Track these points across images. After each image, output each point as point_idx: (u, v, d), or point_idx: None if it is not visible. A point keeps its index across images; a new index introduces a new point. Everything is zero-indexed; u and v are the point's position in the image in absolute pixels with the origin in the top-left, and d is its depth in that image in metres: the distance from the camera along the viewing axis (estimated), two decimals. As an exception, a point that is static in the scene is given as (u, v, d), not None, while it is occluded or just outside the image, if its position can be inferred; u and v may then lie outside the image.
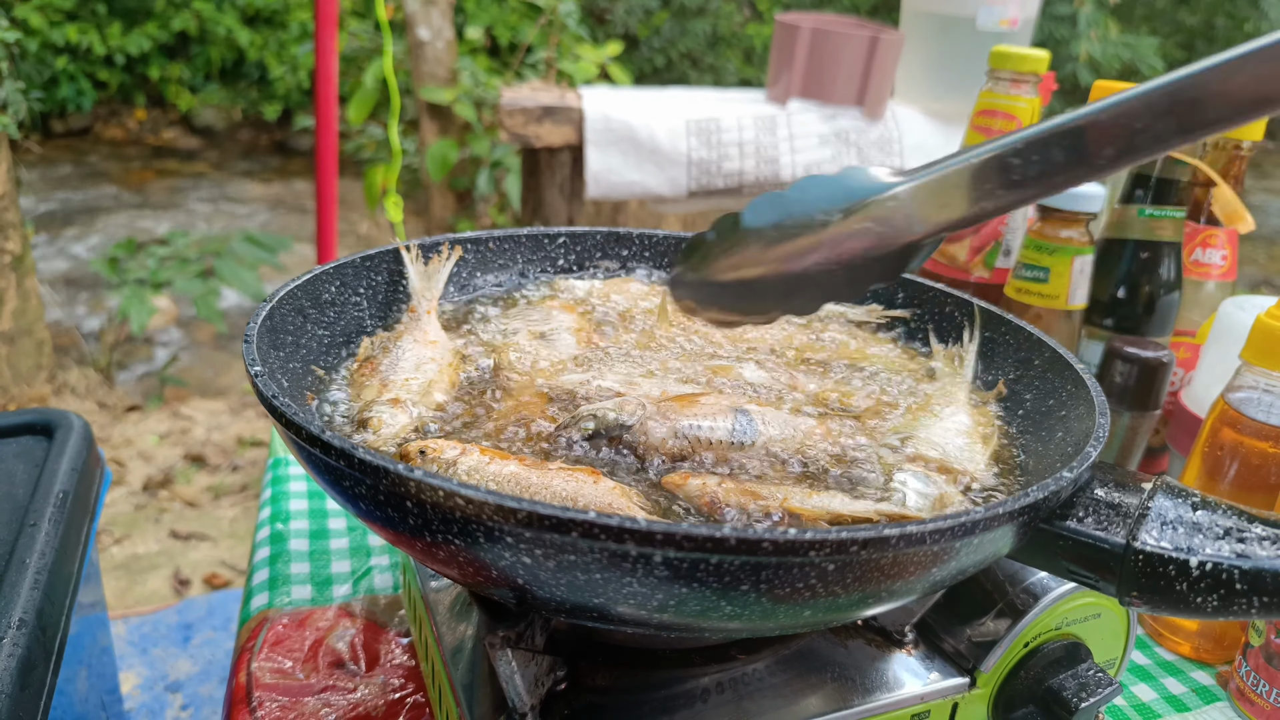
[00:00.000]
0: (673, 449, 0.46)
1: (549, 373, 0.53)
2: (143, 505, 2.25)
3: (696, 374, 0.55)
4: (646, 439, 0.46)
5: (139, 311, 2.75)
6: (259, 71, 5.95)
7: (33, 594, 0.58)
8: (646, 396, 0.49)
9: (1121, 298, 0.74)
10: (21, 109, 2.38)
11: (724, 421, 0.47)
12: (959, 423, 0.51)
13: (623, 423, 0.46)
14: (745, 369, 0.56)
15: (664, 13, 5.36)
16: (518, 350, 0.55)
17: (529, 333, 0.58)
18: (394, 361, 0.53)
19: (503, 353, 0.55)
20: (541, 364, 0.54)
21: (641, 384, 0.52)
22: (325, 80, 1.69)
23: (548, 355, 0.55)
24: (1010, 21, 1.66)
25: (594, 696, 0.45)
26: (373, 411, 0.48)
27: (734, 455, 0.46)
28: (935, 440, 0.49)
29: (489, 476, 0.41)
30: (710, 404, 0.48)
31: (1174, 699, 0.63)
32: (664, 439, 0.46)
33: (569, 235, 0.70)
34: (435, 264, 0.62)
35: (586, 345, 0.58)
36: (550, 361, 0.55)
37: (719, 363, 0.57)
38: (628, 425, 0.46)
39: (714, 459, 0.46)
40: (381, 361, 0.53)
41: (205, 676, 1.66)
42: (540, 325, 0.59)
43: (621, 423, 0.46)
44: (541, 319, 0.60)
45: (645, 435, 0.46)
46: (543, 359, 0.55)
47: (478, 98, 3.07)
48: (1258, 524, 0.36)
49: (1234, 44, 0.34)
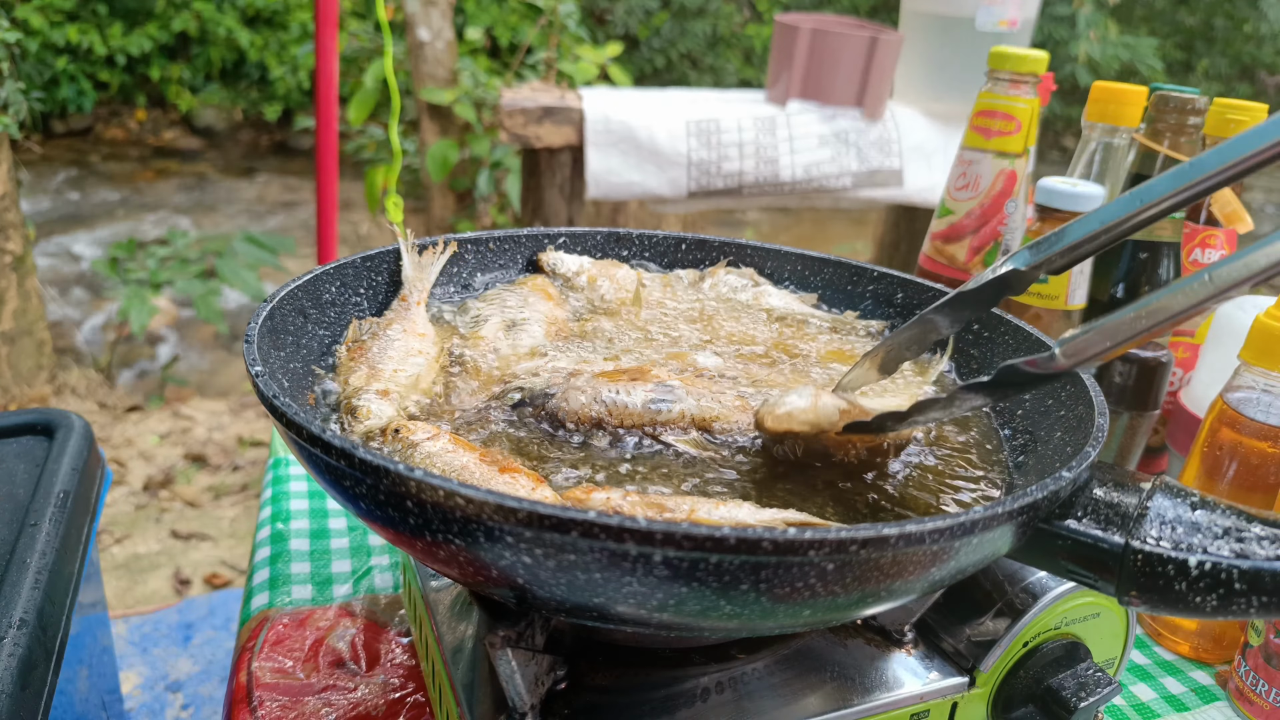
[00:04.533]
0: (591, 415, 0.48)
1: (505, 364, 0.55)
2: (143, 505, 2.26)
3: (653, 361, 0.56)
4: (567, 405, 0.48)
5: (139, 311, 2.75)
6: (259, 72, 5.96)
7: (33, 594, 0.58)
8: (577, 370, 0.51)
9: (1121, 298, 0.74)
10: (22, 109, 2.38)
11: (640, 392, 0.49)
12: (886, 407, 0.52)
13: (546, 391, 0.49)
14: (700, 355, 0.57)
15: (664, 13, 5.37)
16: (479, 342, 0.57)
17: (501, 321, 0.59)
18: (383, 349, 0.53)
19: (469, 343, 0.57)
20: (500, 355, 0.56)
21: (591, 366, 0.54)
22: (325, 81, 1.69)
23: (508, 348, 0.57)
24: (1009, 22, 1.66)
25: (594, 696, 0.46)
26: (361, 400, 0.49)
27: (654, 420, 0.48)
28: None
29: (443, 463, 0.43)
30: (636, 378, 0.50)
31: (1173, 699, 0.63)
32: (584, 405, 0.48)
33: (569, 235, 0.70)
34: (430, 255, 0.62)
35: (554, 337, 0.59)
36: (510, 353, 0.56)
37: (678, 349, 0.58)
38: (550, 394, 0.49)
39: (630, 426, 0.48)
40: (371, 347, 0.54)
41: (206, 676, 1.66)
42: (514, 313, 0.60)
43: (545, 391, 0.49)
44: (518, 305, 0.61)
45: (566, 402, 0.48)
46: (502, 350, 0.56)
47: (478, 98, 3.07)
48: (1257, 524, 0.36)
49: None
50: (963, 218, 0.79)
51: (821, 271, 0.70)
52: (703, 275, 0.70)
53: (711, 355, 0.57)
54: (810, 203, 1.88)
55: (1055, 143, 5.50)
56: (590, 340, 0.59)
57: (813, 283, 0.70)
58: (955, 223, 0.80)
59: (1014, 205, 0.78)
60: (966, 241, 0.80)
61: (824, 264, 0.70)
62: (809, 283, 0.70)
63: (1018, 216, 0.79)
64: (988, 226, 0.79)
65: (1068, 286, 0.70)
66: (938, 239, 0.82)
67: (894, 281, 0.67)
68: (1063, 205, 0.70)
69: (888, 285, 0.67)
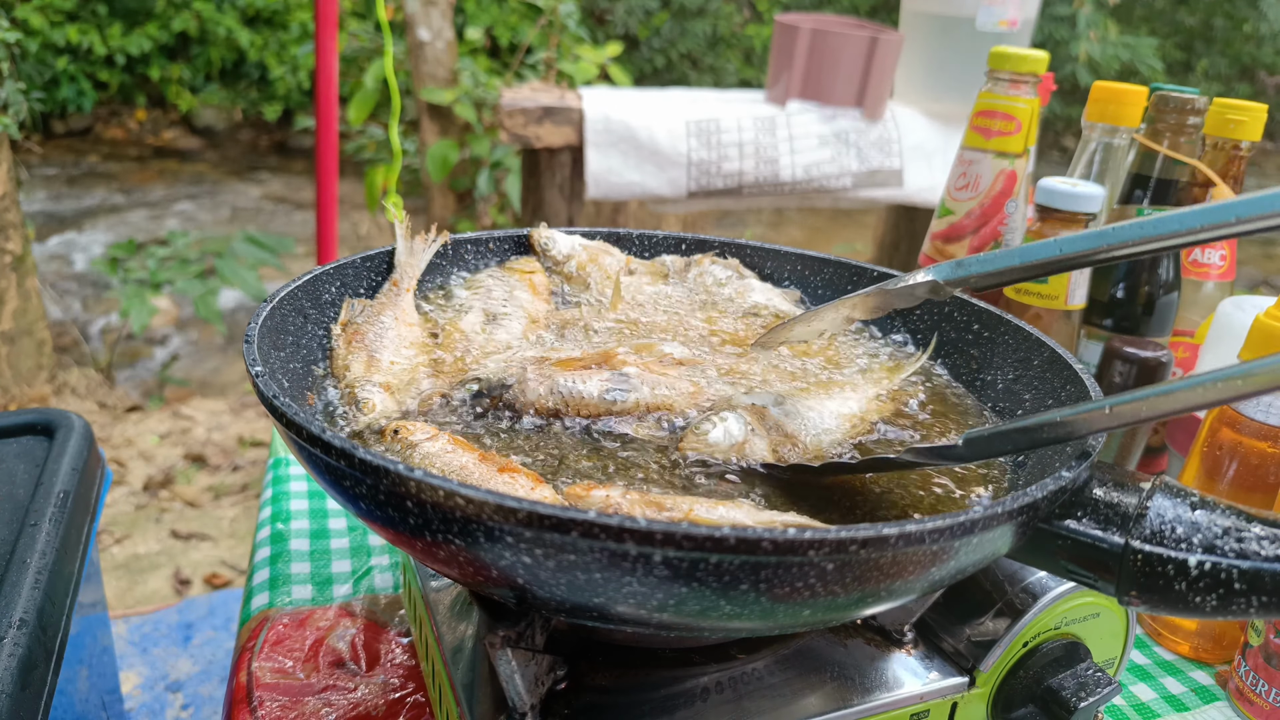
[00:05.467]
0: (547, 405, 0.49)
1: (479, 356, 0.55)
2: (143, 505, 2.26)
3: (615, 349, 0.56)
4: (524, 397, 0.49)
5: (139, 311, 2.75)
6: (259, 72, 5.96)
7: (33, 594, 0.58)
8: (533, 359, 0.52)
9: (1120, 298, 0.74)
10: (22, 109, 2.38)
11: (596, 382, 0.49)
12: (841, 406, 0.52)
13: (504, 382, 0.50)
14: (666, 345, 0.57)
15: (664, 13, 5.36)
16: (455, 334, 0.57)
17: (483, 311, 0.60)
18: (379, 335, 0.54)
19: (447, 333, 0.58)
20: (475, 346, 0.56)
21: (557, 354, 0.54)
22: (325, 81, 1.69)
23: (484, 340, 0.57)
24: (1009, 22, 1.66)
25: (594, 696, 0.46)
26: (365, 391, 0.49)
27: (608, 409, 0.49)
28: (800, 410, 0.50)
29: (442, 464, 0.43)
30: (591, 367, 0.51)
31: (1173, 698, 0.63)
32: (540, 396, 0.49)
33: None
34: (422, 241, 0.63)
35: (533, 326, 0.60)
36: (485, 346, 0.57)
37: (645, 340, 0.58)
38: (508, 385, 0.50)
39: (587, 416, 0.49)
40: (366, 333, 0.54)
41: (206, 676, 1.66)
42: (497, 305, 0.61)
43: (503, 382, 0.50)
44: (502, 298, 0.62)
45: (523, 394, 0.49)
46: (475, 346, 0.57)
47: (478, 98, 3.07)
48: (1256, 524, 0.36)
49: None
50: (963, 218, 0.79)
51: (821, 271, 0.70)
52: (688, 264, 0.70)
53: (676, 345, 0.58)
54: (810, 203, 1.88)
55: (1055, 143, 5.51)
56: (568, 329, 0.60)
57: (813, 283, 0.70)
58: (955, 223, 0.80)
59: (1014, 205, 0.78)
60: (966, 241, 0.80)
61: (824, 264, 0.70)
62: (809, 283, 0.70)
63: (1018, 216, 0.79)
64: (988, 226, 0.79)
65: (1068, 287, 0.70)
66: (938, 239, 0.82)
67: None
68: (1063, 205, 0.70)
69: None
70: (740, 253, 0.72)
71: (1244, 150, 0.76)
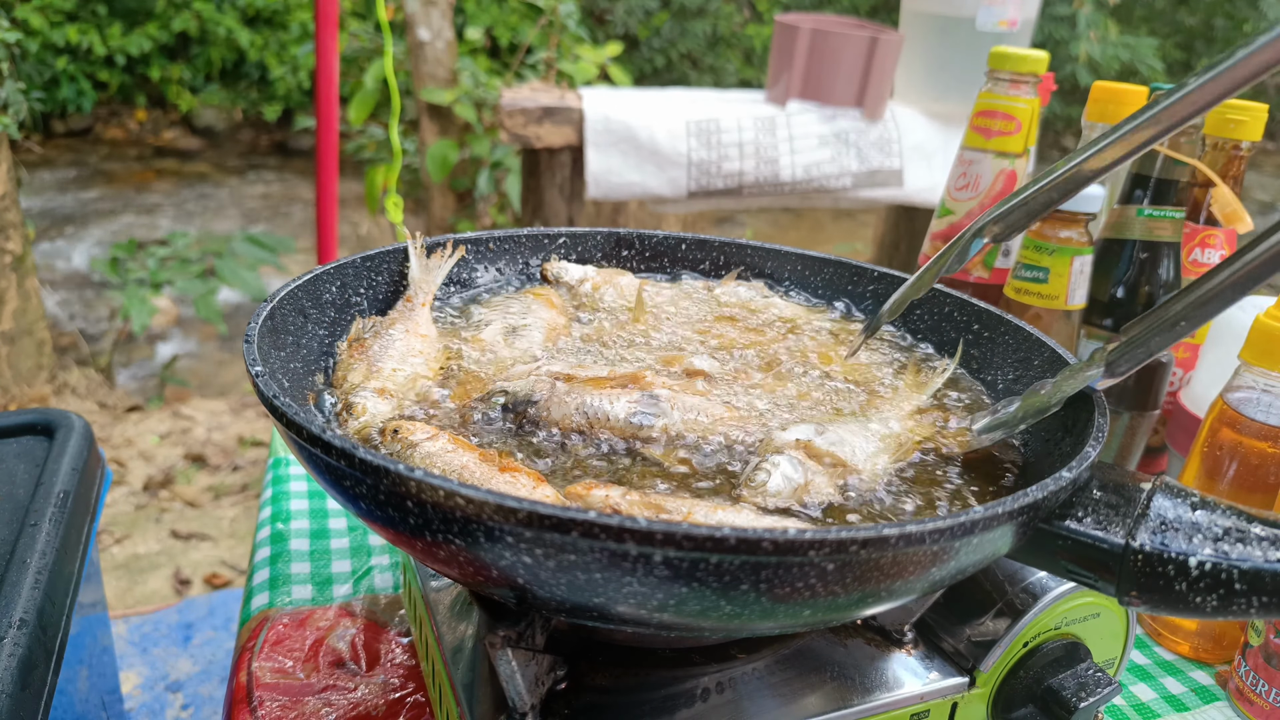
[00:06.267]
0: (574, 425, 0.48)
1: (500, 367, 0.55)
2: (143, 505, 2.26)
3: (649, 365, 0.56)
4: (549, 415, 0.48)
5: (139, 311, 2.75)
6: (259, 72, 5.96)
7: (33, 594, 0.58)
8: (560, 374, 0.50)
9: (1120, 298, 0.74)
10: (22, 109, 2.38)
11: (624, 403, 0.48)
12: (883, 428, 0.50)
13: (530, 398, 0.49)
14: (697, 359, 0.56)
15: (664, 13, 5.36)
16: (479, 345, 0.57)
17: (502, 325, 0.59)
18: (384, 347, 0.53)
19: (469, 345, 0.57)
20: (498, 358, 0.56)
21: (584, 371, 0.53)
22: (326, 81, 1.69)
23: (506, 353, 0.56)
24: (1009, 22, 1.66)
25: (594, 696, 0.46)
26: (358, 397, 0.49)
27: (635, 434, 0.47)
28: (844, 436, 0.47)
29: (443, 463, 0.42)
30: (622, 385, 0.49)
31: (1173, 699, 0.63)
32: (567, 415, 0.48)
33: (569, 236, 0.70)
34: (437, 258, 0.62)
35: (553, 342, 0.59)
36: (508, 357, 0.56)
37: (673, 353, 0.57)
38: (534, 401, 0.48)
39: (614, 437, 0.47)
40: (372, 345, 0.54)
41: (206, 676, 1.66)
42: (516, 319, 0.60)
43: (529, 398, 0.49)
44: (520, 311, 0.61)
45: (549, 411, 0.48)
46: (500, 354, 0.56)
47: (478, 98, 3.07)
48: (1257, 524, 0.36)
49: (1233, 45, 0.34)
50: (963, 218, 0.79)
51: (821, 271, 0.70)
52: (710, 288, 0.69)
53: (708, 358, 0.57)
54: (810, 203, 1.88)
55: (1055, 143, 5.50)
56: (591, 343, 0.59)
57: (813, 282, 0.70)
58: (955, 223, 0.80)
59: (1014, 205, 0.78)
60: (966, 241, 0.80)
61: (824, 264, 0.70)
62: (809, 282, 0.70)
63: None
64: (988, 226, 0.79)
65: (1068, 287, 0.70)
66: (938, 239, 0.82)
67: (894, 281, 0.66)
68: (1063, 205, 0.69)
69: (888, 285, 0.67)
70: (740, 253, 0.71)
71: (1244, 150, 0.76)
